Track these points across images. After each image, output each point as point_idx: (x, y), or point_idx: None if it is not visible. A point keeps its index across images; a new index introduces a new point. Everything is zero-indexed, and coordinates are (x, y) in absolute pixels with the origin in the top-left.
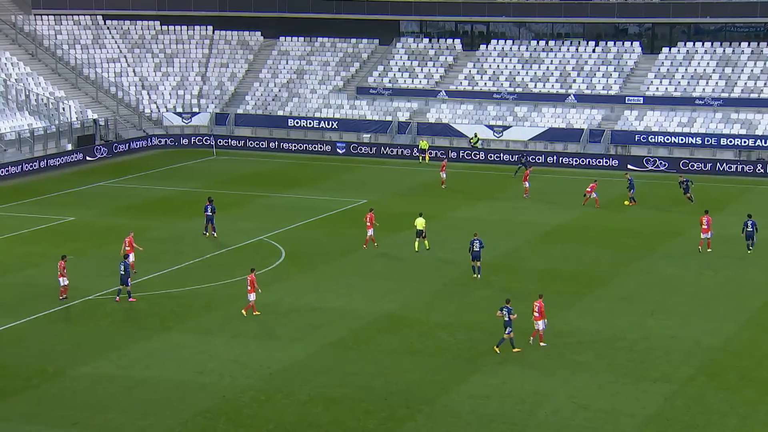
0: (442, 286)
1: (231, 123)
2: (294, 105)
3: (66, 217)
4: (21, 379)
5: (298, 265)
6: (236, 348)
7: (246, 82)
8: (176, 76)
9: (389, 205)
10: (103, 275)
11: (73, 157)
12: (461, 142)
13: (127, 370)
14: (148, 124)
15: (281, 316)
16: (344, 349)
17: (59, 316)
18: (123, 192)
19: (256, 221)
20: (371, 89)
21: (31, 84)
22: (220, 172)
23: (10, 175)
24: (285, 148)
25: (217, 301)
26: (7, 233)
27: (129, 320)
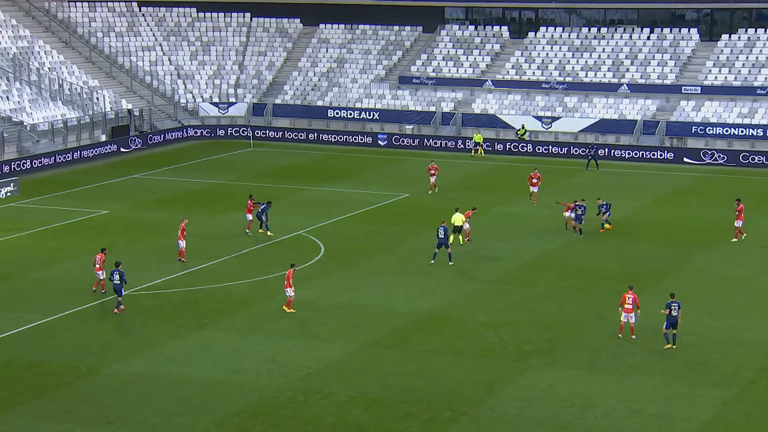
0: (486, 283)
1: (269, 113)
2: (334, 95)
3: (99, 210)
4: (54, 377)
5: (338, 261)
6: (273, 346)
7: (284, 71)
8: (213, 65)
9: (432, 199)
10: (137, 270)
11: (107, 148)
12: (508, 133)
13: (161, 368)
14: (184, 114)
15: (320, 313)
16: (385, 348)
17: (92, 313)
18: (157, 184)
19: (295, 215)
20: (414, 78)
21: (64, 73)
22: (258, 164)
23: (42, 166)
24: (324, 140)
25: (254, 297)
26: (39, 227)
27: (163, 317)
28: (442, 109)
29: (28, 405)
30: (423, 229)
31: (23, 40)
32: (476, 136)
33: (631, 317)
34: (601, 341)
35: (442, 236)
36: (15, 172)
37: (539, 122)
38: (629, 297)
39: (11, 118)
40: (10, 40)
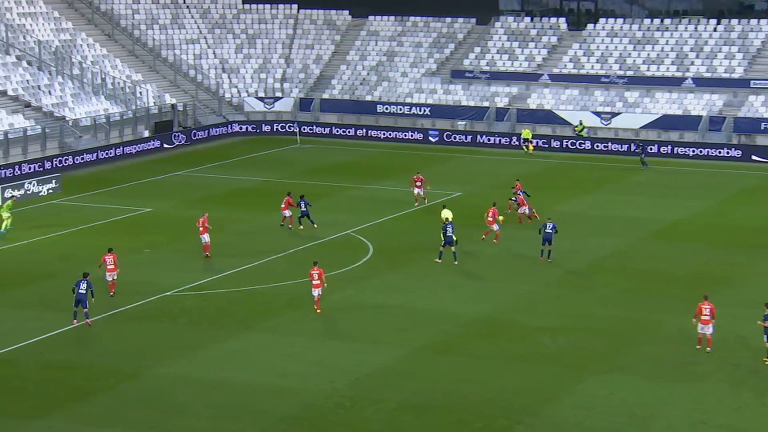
0: (542, 286)
1: (316, 109)
2: (383, 89)
3: (142, 208)
4: (96, 379)
5: (387, 261)
6: (320, 350)
7: (332, 65)
8: (258, 59)
9: (485, 198)
10: (181, 270)
11: (150, 144)
12: (565, 130)
13: (205, 371)
14: (229, 109)
15: (368, 316)
16: (436, 353)
17: (135, 313)
18: (201, 182)
19: (343, 214)
20: (467, 72)
21: (107, 66)
22: (304, 161)
23: (84, 163)
24: (373, 136)
25: (300, 299)
26: (80, 225)
27: (208, 319)
28: (496, 104)
29: (70, 408)
30: (476, 229)
31: (65, 33)
32: (524, 131)
33: (707, 328)
34: (664, 348)
35: (450, 234)
36: (57, 168)
37: (598, 118)
38: (705, 307)
39: (53, 113)
40: (53, 33)
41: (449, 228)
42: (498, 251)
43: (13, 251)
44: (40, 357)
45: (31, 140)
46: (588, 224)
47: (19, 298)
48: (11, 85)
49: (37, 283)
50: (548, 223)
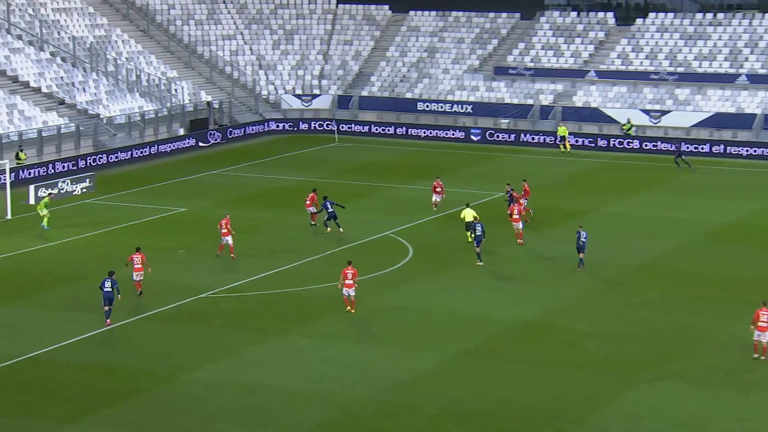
0: (589, 290)
1: (355, 106)
2: (424, 87)
3: (177, 207)
4: (131, 382)
5: (428, 264)
6: (359, 355)
7: (372, 62)
8: (296, 55)
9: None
10: (216, 271)
11: (185, 142)
12: (612, 128)
13: (241, 375)
14: (265, 107)
15: (409, 320)
16: (479, 358)
17: (170, 315)
18: (237, 181)
19: (382, 215)
20: (511, 69)
21: (142, 63)
22: (343, 160)
23: (118, 161)
24: (413, 135)
25: (339, 302)
26: (115, 225)
27: (244, 321)
28: (541, 102)
29: (104, 412)
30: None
31: (100, 29)
32: (560, 129)
33: (764, 336)
34: (715, 355)
35: (480, 233)
36: (91, 167)
37: (647, 116)
38: (764, 314)
39: (87, 111)
40: (87, 29)
41: (479, 227)
42: (536, 253)
43: (46, 251)
44: (74, 359)
45: (65, 138)
46: (636, 226)
47: (52, 298)
48: (45, 81)
49: (70, 283)
50: (581, 231)
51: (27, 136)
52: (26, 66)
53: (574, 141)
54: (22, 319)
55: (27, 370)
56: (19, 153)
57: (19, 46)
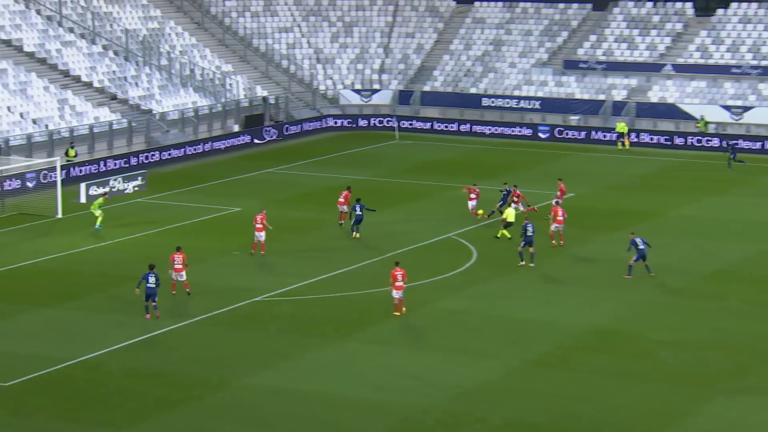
0: (663, 296)
1: (416, 102)
2: (489, 81)
3: (231, 207)
4: (183, 389)
5: (492, 267)
6: (420, 362)
7: (434, 55)
8: (355, 48)
9: (599, 199)
10: (272, 273)
11: (240, 139)
12: (689, 125)
13: (297, 382)
14: (323, 102)
15: (472, 326)
16: (545, 367)
17: (224, 319)
18: (293, 180)
19: (444, 216)
20: (581, 63)
21: (196, 57)
22: (403, 158)
23: (171, 159)
24: (478, 132)
25: None
26: (167, 225)
27: (300, 326)
28: (613, 97)
29: (155, 419)
30: (591, 232)
31: (153, 21)
32: (619, 125)
33: None
34: None
35: (531, 234)
36: (143, 164)
37: (728, 113)
38: None
39: (140, 106)
40: (140, 21)
41: (530, 228)
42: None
43: (96, 251)
44: (125, 364)
45: (117, 135)
46: (714, 229)
47: (103, 300)
48: (97, 76)
49: (121, 285)
50: (636, 238)
51: (78, 132)
52: (78, 60)
53: (649, 139)
54: (72, 322)
55: (77, 374)
56: (69, 150)
57: (71, 39)
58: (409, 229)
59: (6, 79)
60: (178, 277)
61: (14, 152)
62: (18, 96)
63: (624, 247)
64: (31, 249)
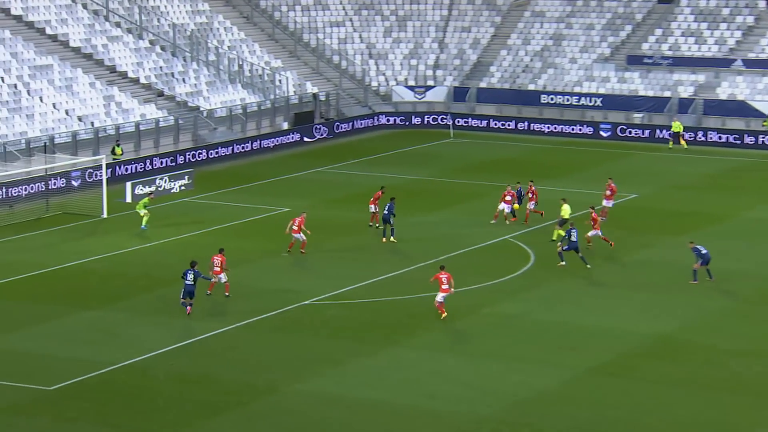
0: (734, 303)
1: (472, 99)
2: (549, 78)
3: (280, 207)
4: (230, 394)
5: (551, 271)
6: (475, 369)
7: (491, 50)
8: (409, 43)
9: (664, 200)
10: (322, 276)
11: (289, 137)
12: (759, 123)
13: (346, 389)
14: (375, 99)
15: (529, 332)
16: (607, 376)
17: (273, 323)
18: (344, 179)
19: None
20: (646, 58)
21: (245, 52)
22: (458, 157)
23: (219, 157)
24: (536, 130)
25: (453, 311)
26: (214, 225)
27: (349, 331)
28: (679, 94)
29: (201, 425)
30: (655, 235)
31: (201, 16)
32: (675, 124)
33: None
34: None
35: (574, 239)
36: (190, 163)
37: None
38: None
39: (187, 103)
40: (188, 16)
41: (573, 233)
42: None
43: (141, 252)
44: (171, 368)
45: (164, 132)
46: None
47: (148, 302)
48: (143, 72)
49: (167, 287)
50: (698, 246)
51: (124, 130)
52: (124, 55)
53: (717, 138)
54: (116, 325)
55: (121, 378)
56: (115, 148)
57: (118, 34)
58: (464, 232)
59: (51, 75)
60: (214, 278)
61: (59, 150)
62: (64, 92)
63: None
64: (76, 249)
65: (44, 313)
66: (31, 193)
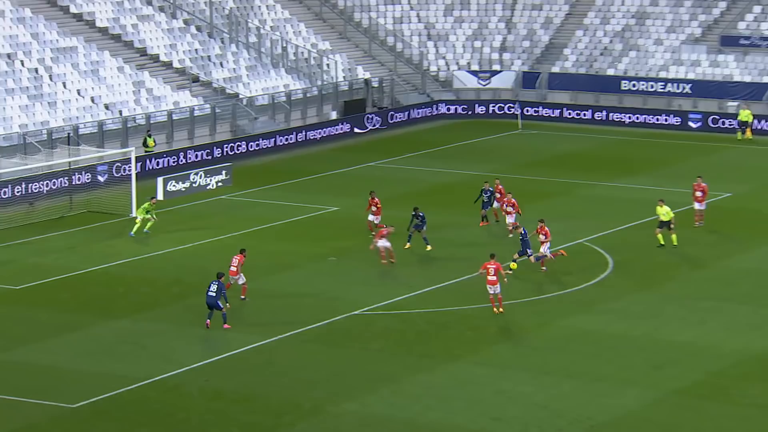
0: None
1: (543, 85)
2: (630, 61)
3: (328, 206)
4: (271, 415)
5: (632, 279)
6: (545, 389)
7: (565, 31)
8: (472, 23)
9: (761, 200)
10: (373, 283)
11: (338, 128)
12: None
13: (402, 409)
14: (434, 86)
15: (607, 348)
16: (696, 398)
17: (318, 335)
18: (399, 175)
19: (575, 218)
20: (742, 39)
21: (289, 33)
22: (527, 150)
23: (260, 150)
24: (616, 120)
25: (520, 324)
26: (256, 225)
27: (406, 344)
28: None
29: None
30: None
31: None
32: (743, 112)
33: None
34: None
35: None
36: (228, 156)
37: None
38: None
39: (225, 90)
40: None
41: None
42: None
43: (173, 256)
44: (207, 385)
45: (199, 122)
46: None
47: (181, 312)
48: (177, 55)
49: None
50: None
51: (155, 119)
52: (156, 36)
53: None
54: (146, 336)
55: (152, 395)
56: (147, 139)
57: (149, 12)
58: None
59: (76, 59)
60: (231, 279)
61: (84, 141)
62: (89, 78)
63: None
64: (102, 252)
65: (67, 322)
66: (54, 189)
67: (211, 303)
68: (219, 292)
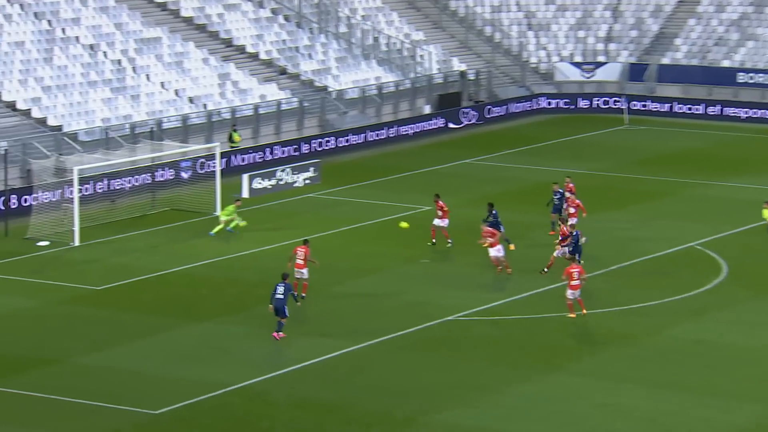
0: None
1: (652, 78)
2: (747, 52)
3: (420, 205)
4: (360, 425)
5: (748, 286)
6: (654, 403)
7: (677, 19)
8: (576, 11)
9: None
10: (468, 287)
11: (432, 123)
12: None
13: (500, 422)
14: (535, 78)
15: (720, 360)
16: None
17: (410, 342)
18: (497, 173)
19: (686, 220)
20: None
21: (381, 23)
22: (634, 147)
23: (350, 146)
24: (731, 116)
25: (627, 332)
26: (344, 225)
27: (503, 353)
28: None
29: None
30: None
31: None
32: None
33: None
34: None
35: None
36: (316, 153)
37: None
38: None
39: (313, 82)
40: None
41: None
42: None
43: (259, 257)
44: (293, 392)
45: (286, 116)
46: None
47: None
48: (264, 46)
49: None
50: None
51: (240, 113)
52: (242, 27)
53: None
54: (230, 340)
55: (236, 402)
56: (232, 134)
57: (235, 1)
58: (640, 236)
59: (160, 50)
60: (297, 274)
61: (167, 136)
62: (173, 70)
63: None
64: (185, 252)
65: (149, 324)
66: (136, 185)
67: (278, 307)
68: (287, 294)
